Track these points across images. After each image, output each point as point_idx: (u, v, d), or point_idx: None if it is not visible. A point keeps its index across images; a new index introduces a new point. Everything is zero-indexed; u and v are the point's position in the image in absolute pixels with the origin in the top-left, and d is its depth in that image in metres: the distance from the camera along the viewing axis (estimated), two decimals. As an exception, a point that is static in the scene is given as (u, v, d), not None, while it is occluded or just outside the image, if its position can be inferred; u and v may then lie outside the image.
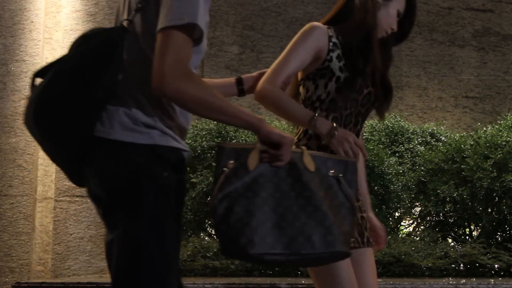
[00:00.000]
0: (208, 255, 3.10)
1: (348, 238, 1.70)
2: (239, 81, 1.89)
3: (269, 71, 1.95)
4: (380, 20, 2.08)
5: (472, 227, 3.40)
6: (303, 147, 1.72)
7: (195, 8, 1.41)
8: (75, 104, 1.42)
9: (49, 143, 1.46)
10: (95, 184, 1.48)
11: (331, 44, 2.05)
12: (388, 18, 2.09)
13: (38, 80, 1.48)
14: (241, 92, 1.92)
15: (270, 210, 1.62)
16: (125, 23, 1.46)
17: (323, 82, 2.00)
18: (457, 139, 3.46)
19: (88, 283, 2.75)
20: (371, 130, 3.60)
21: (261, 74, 1.95)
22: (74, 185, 3.60)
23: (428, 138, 3.60)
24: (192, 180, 3.40)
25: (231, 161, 1.62)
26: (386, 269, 2.95)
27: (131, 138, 1.44)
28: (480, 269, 3.09)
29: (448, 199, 3.30)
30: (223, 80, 1.70)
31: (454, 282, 2.66)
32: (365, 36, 2.04)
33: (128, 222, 1.42)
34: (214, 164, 1.81)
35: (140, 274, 1.43)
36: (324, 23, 2.15)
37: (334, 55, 2.04)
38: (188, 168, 3.45)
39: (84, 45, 1.45)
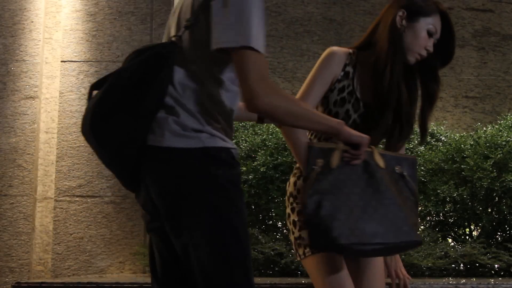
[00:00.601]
0: (208, 255, 3.10)
1: (417, 229, 1.88)
2: None
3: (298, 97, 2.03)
4: (407, 44, 2.07)
5: (472, 227, 3.40)
6: (372, 146, 1.87)
7: (255, 31, 1.49)
8: (127, 115, 1.52)
9: (104, 152, 1.56)
10: (154, 193, 1.55)
11: (342, 73, 2.08)
12: (416, 40, 2.06)
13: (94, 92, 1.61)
14: (260, 120, 2.07)
15: (353, 205, 1.78)
16: (174, 39, 1.57)
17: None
18: (457, 139, 3.46)
19: (88, 283, 2.75)
20: (371, 130, 3.60)
21: None
22: (74, 185, 3.68)
23: (428, 138, 3.60)
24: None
25: (320, 160, 1.80)
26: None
27: (182, 143, 1.52)
28: (480, 269, 3.09)
29: (448, 199, 3.30)
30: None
31: (454, 282, 2.66)
32: (381, 64, 2.04)
33: (199, 224, 1.50)
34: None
35: (231, 270, 1.51)
36: (355, 46, 2.15)
37: (338, 86, 2.08)
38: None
39: (136, 59, 1.55)
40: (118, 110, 1.53)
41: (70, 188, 3.85)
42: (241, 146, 3.37)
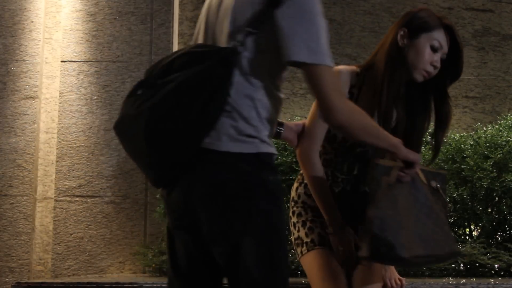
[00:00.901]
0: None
1: (455, 240, 2.02)
2: (280, 124, 2.13)
3: (306, 128, 2.13)
4: (410, 61, 2.08)
5: (472, 227, 3.40)
6: None
7: (325, 46, 1.56)
8: (189, 120, 1.53)
9: (152, 153, 1.55)
10: (198, 195, 1.57)
11: (348, 95, 2.13)
12: (419, 56, 2.07)
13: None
14: (278, 135, 2.13)
15: (408, 220, 1.87)
16: (236, 44, 1.57)
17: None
18: (457, 139, 3.46)
19: (88, 283, 2.75)
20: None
21: (298, 126, 2.16)
22: (74, 185, 3.70)
23: (428, 138, 3.60)
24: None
25: (384, 177, 1.88)
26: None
27: (238, 148, 1.56)
28: (480, 269, 3.09)
29: (448, 199, 3.30)
30: None
31: (454, 282, 2.66)
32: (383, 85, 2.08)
33: (250, 229, 1.53)
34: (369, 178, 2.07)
35: (276, 277, 1.56)
36: (364, 65, 2.19)
37: None
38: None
39: (200, 65, 1.55)
40: (180, 117, 1.53)
41: (70, 188, 3.85)
42: (241, 146, 3.37)
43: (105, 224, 3.83)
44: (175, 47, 4.18)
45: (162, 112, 1.53)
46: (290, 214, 2.25)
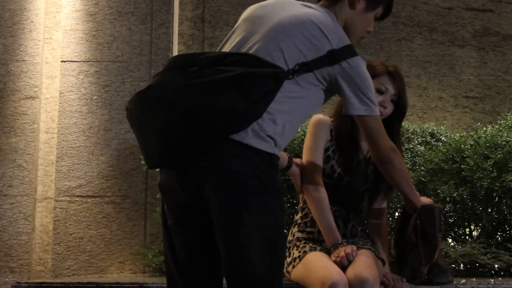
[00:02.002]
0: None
1: None
2: (290, 158, 2.43)
3: (305, 171, 2.46)
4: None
5: (472, 227, 3.40)
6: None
7: (374, 98, 1.91)
8: (235, 109, 1.62)
9: (180, 129, 1.61)
10: (212, 182, 1.64)
11: (329, 137, 2.55)
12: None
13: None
14: (288, 167, 2.42)
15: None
16: (288, 70, 1.73)
17: None
18: (457, 139, 3.46)
19: (88, 283, 2.75)
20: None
21: (301, 164, 2.49)
22: (74, 185, 3.69)
23: (428, 138, 3.60)
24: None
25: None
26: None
27: (259, 144, 1.66)
28: (480, 269, 3.09)
29: (448, 199, 3.30)
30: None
31: (454, 282, 2.66)
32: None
33: (259, 224, 1.61)
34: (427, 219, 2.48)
35: (277, 272, 1.66)
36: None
37: (330, 146, 2.53)
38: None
39: (258, 69, 1.68)
40: (229, 101, 1.60)
41: (70, 188, 3.85)
42: (241, 146, 3.37)
43: (105, 224, 3.83)
44: (175, 47, 4.18)
45: (214, 90, 1.60)
46: (295, 230, 2.58)
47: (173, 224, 1.74)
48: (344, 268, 2.29)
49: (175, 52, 4.15)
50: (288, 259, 2.54)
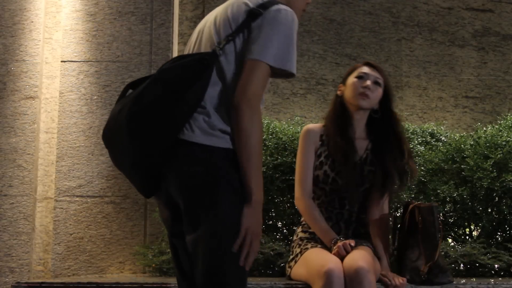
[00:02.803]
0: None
1: None
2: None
3: (296, 183, 2.63)
4: (347, 97, 2.68)
5: (472, 227, 3.40)
6: None
7: (290, 55, 1.70)
8: (167, 110, 1.61)
9: (135, 149, 1.63)
10: (175, 186, 1.65)
11: (320, 143, 2.66)
12: (350, 90, 2.70)
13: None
14: None
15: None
16: (216, 49, 1.70)
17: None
18: (457, 139, 3.46)
19: (88, 283, 2.75)
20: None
21: None
22: (74, 185, 3.69)
23: (428, 138, 3.60)
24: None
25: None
26: (386, 269, 2.95)
27: (210, 141, 1.64)
28: (480, 269, 3.09)
29: (448, 199, 3.30)
30: None
31: (454, 282, 2.66)
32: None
33: (210, 222, 1.59)
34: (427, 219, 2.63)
35: (228, 271, 1.61)
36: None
37: (317, 153, 2.63)
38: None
39: (179, 61, 1.68)
40: (159, 105, 1.61)
41: (70, 188, 3.85)
42: (241, 146, 3.37)
43: (105, 224, 3.83)
44: (175, 47, 4.18)
45: (143, 101, 1.61)
46: (297, 239, 2.70)
47: (169, 236, 1.81)
48: (342, 259, 2.38)
49: (175, 52, 4.15)
50: (291, 257, 2.64)
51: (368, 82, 2.61)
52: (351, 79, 2.66)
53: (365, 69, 2.65)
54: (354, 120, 2.67)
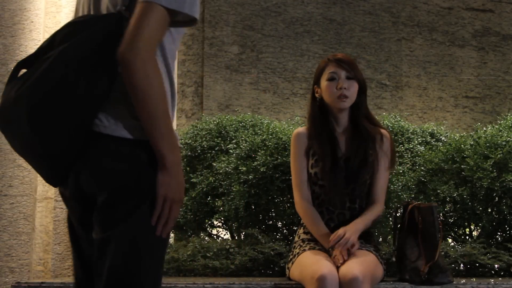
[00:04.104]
0: (208, 255, 3.10)
1: None
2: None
3: (293, 187, 2.68)
4: (326, 99, 2.70)
5: (472, 227, 3.39)
6: None
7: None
8: (74, 98, 1.36)
9: (39, 139, 1.38)
10: (89, 182, 1.42)
11: (309, 143, 2.68)
12: (326, 93, 2.69)
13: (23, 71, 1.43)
14: None
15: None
16: (118, 9, 1.42)
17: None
18: (457, 139, 3.46)
19: (88, 283, 2.75)
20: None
21: None
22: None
23: (428, 138, 3.60)
24: (192, 180, 3.40)
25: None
26: (386, 269, 2.94)
27: (128, 134, 1.41)
28: (480, 269, 3.09)
29: (448, 199, 3.29)
30: None
31: (454, 282, 2.66)
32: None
33: (129, 222, 1.39)
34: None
35: (138, 275, 1.41)
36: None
37: (310, 152, 2.67)
38: (188, 168, 3.45)
39: (83, 34, 1.38)
40: (63, 92, 1.36)
41: (70, 188, 3.85)
42: (241, 146, 3.37)
43: (105, 224, 3.83)
44: (175, 47, 4.18)
45: (44, 89, 1.35)
46: (299, 240, 2.71)
47: (76, 225, 1.58)
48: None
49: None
50: (290, 257, 2.66)
51: (341, 83, 2.61)
52: (324, 82, 2.66)
53: (332, 68, 2.64)
54: (339, 119, 2.71)
